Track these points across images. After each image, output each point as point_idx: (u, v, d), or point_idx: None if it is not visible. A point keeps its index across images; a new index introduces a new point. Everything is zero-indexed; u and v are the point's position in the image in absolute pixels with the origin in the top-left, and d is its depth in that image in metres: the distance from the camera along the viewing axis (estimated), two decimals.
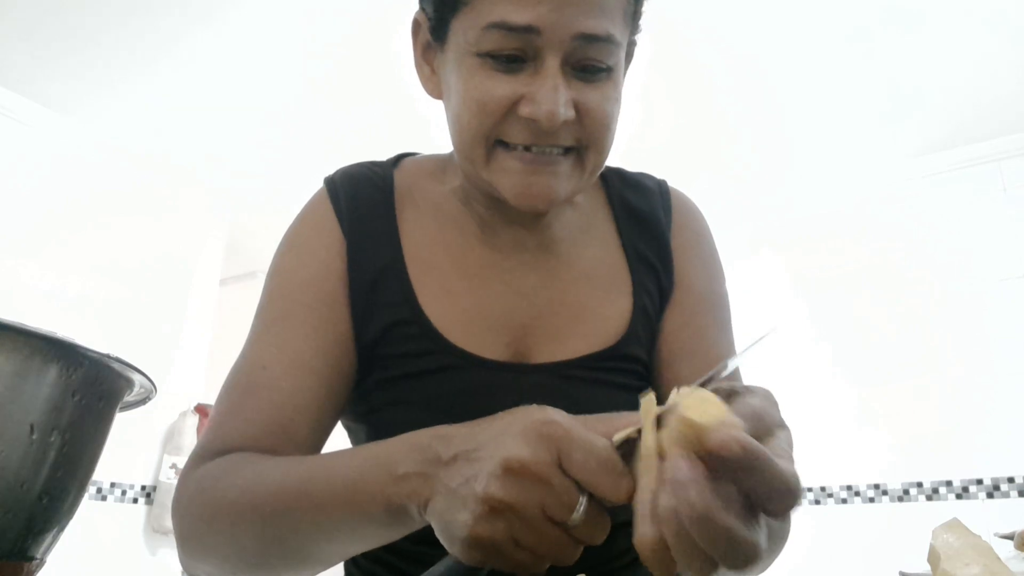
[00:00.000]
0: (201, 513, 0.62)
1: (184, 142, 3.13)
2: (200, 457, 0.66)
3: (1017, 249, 2.99)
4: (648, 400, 0.44)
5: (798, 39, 2.50)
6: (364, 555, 0.79)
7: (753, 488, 0.39)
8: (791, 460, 0.43)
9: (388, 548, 0.76)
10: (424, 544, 0.49)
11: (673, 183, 0.89)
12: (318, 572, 0.62)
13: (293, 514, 0.56)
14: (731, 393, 0.46)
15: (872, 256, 3.24)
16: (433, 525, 0.49)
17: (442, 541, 0.48)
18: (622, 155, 3.10)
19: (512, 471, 0.44)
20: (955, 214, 3.13)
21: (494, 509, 0.44)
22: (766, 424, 0.44)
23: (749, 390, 0.46)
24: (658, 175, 0.88)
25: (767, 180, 3.41)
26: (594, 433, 0.46)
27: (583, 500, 0.44)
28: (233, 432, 0.67)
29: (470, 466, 0.46)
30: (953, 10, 2.36)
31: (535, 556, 0.45)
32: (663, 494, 0.40)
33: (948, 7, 2.35)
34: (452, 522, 0.46)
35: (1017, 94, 2.79)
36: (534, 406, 0.48)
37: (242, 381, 0.70)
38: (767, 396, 0.46)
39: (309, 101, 2.85)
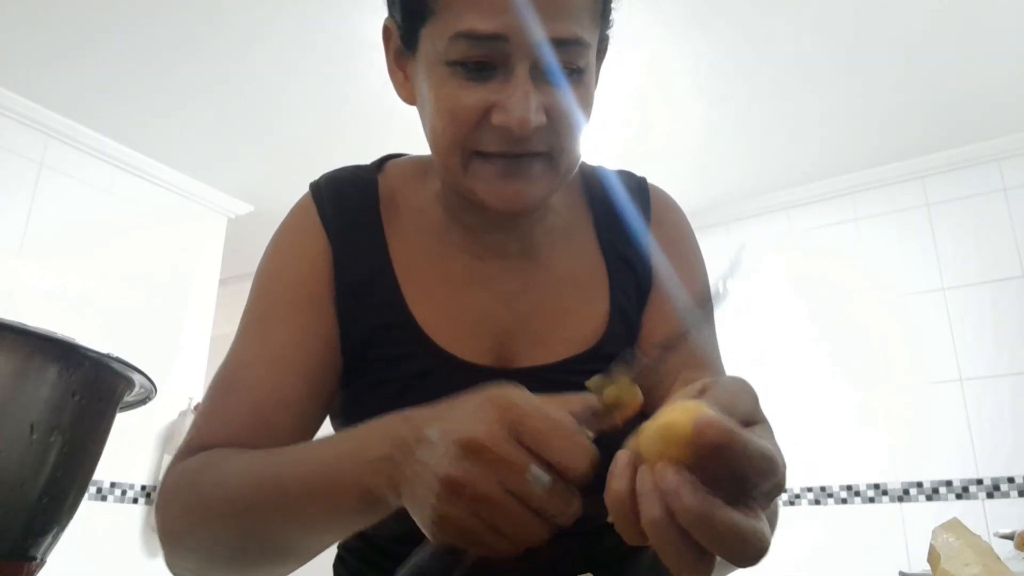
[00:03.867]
0: (180, 508, 0.63)
1: (184, 143, 3.13)
2: (183, 454, 0.67)
3: (1017, 249, 2.99)
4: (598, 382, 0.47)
5: (797, 42, 2.50)
6: (351, 554, 0.80)
7: (739, 470, 0.40)
8: (773, 443, 0.43)
9: (374, 547, 0.76)
10: (410, 545, 0.49)
11: (673, 185, 0.89)
12: (295, 565, 0.62)
13: (268, 506, 0.56)
14: (704, 389, 0.45)
15: (872, 256, 3.24)
16: (408, 510, 0.49)
17: (419, 525, 0.48)
18: (619, 156, 3.07)
19: (466, 449, 0.44)
20: (955, 214, 3.13)
21: (453, 489, 0.44)
22: (741, 413, 0.44)
23: (723, 384, 0.46)
24: (659, 178, 0.88)
25: (767, 181, 3.41)
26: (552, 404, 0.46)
27: (539, 470, 0.43)
28: (216, 429, 0.68)
29: (431, 449, 0.46)
30: (952, 10, 2.36)
31: (504, 536, 0.44)
32: (646, 505, 0.41)
33: (947, 8, 2.35)
34: (420, 506, 0.47)
35: (1017, 94, 2.79)
36: (492, 386, 0.48)
37: (225, 379, 0.71)
38: (743, 389, 0.46)
39: (310, 101, 2.85)
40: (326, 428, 0.77)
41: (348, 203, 0.78)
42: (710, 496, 0.39)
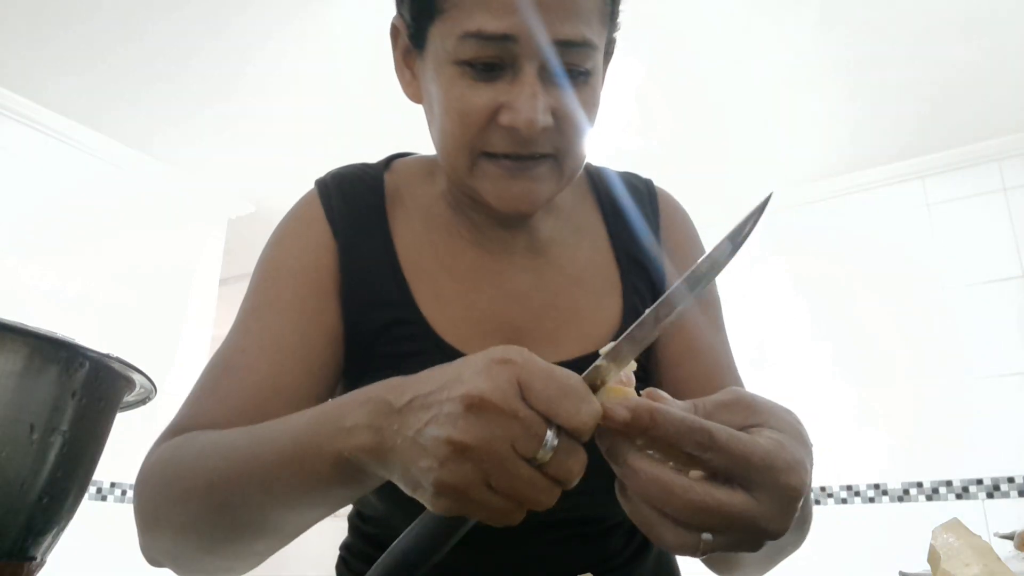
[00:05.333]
0: (156, 486, 0.61)
1: (185, 143, 3.13)
2: (166, 436, 0.66)
3: (1017, 249, 2.99)
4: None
5: (796, 43, 2.50)
6: (354, 555, 0.79)
7: (671, 443, 0.42)
8: (773, 442, 0.43)
9: (380, 547, 0.76)
10: None
11: (675, 187, 0.89)
12: (272, 547, 0.60)
13: (242, 478, 0.55)
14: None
15: (872, 256, 3.24)
16: (395, 480, 0.47)
17: (411, 494, 0.46)
18: (621, 156, 3.07)
19: (474, 407, 0.42)
20: (955, 214, 3.13)
21: (459, 451, 0.42)
22: (730, 419, 0.45)
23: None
24: (661, 179, 0.88)
25: (768, 182, 3.41)
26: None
27: (551, 432, 0.42)
28: (205, 411, 0.66)
29: (428, 410, 0.44)
30: (952, 10, 2.36)
31: (509, 500, 0.43)
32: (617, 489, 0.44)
33: (947, 7, 2.35)
34: (417, 471, 0.44)
35: (1017, 94, 2.79)
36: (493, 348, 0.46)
37: (220, 363, 0.70)
38: (737, 399, 0.47)
39: (309, 102, 2.85)
40: None
41: (354, 199, 0.78)
42: (641, 454, 0.43)
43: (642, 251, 0.81)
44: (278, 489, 0.53)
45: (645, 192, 0.85)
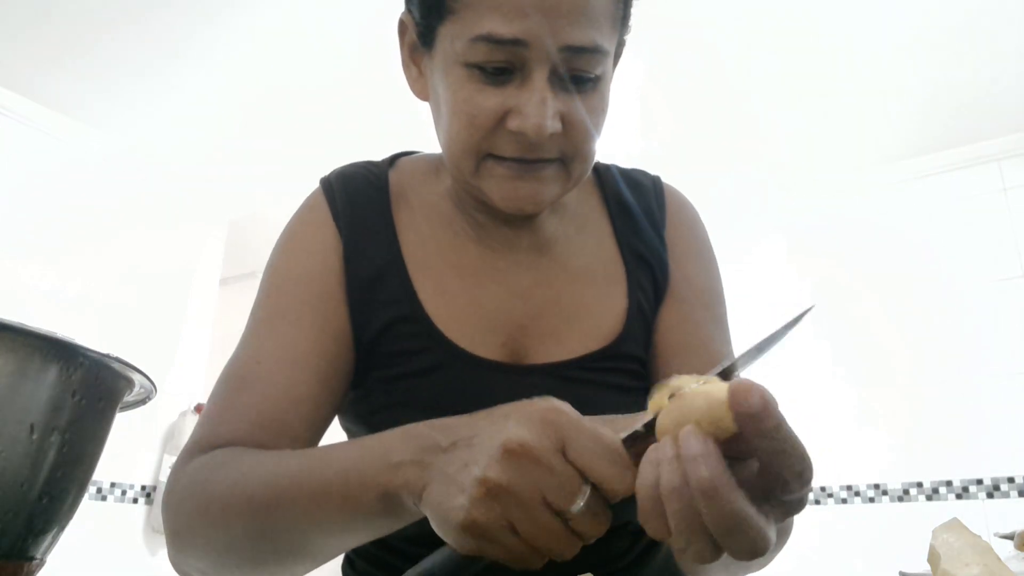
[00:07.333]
0: (193, 507, 0.62)
1: (184, 142, 3.13)
2: (192, 452, 0.66)
3: (1017, 249, 2.99)
4: (659, 390, 0.45)
5: (799, 42, 2.50)
6: (360, 556, 0.79)
7: (770, 459, 0.40)
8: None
9: (385, 548, 0.76)
10: (422, 547, 0.49)
11: (675, 185, 0.89)
12: (310, 568, 0.61)
13: (285, 506, 0.56)
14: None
15: (872, 256, 3.24)
16: (428, 514, 0.48)
17: (436, 530, 0.47)
18: (627, 154, 3.05)
19: (512, 453, 0.43)
20: (955, 214, 3.13)
21: (491, 492, 0.43)
22: None
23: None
24: (663, 176, 0.88)
25: (768, 182, 3.41)
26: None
27: (586, 490, 0.43)
28: (226, 426, 0.67)
29: (469, 451, 0.45)
30: (952, 10, 2.36)
31: (531, 547, 0.44)
32: (667, 471, 0.40)
33: (947, 7, 2.35)
34: (448, 508, 0.45)
35: (1017, 94, 2.79)
36: (539, 397, 0.47)
37: (236, 375, 0.70)
38: None
39: (310, 102, 2.85)
40: (335, 427, 0.76)
41: (359, 198, 0.78)
42: (728, 474, 0.39)
43: (646, 247, 0.81)
44: (321, 518, 0.55)
45: (651, 188, 0.85)
